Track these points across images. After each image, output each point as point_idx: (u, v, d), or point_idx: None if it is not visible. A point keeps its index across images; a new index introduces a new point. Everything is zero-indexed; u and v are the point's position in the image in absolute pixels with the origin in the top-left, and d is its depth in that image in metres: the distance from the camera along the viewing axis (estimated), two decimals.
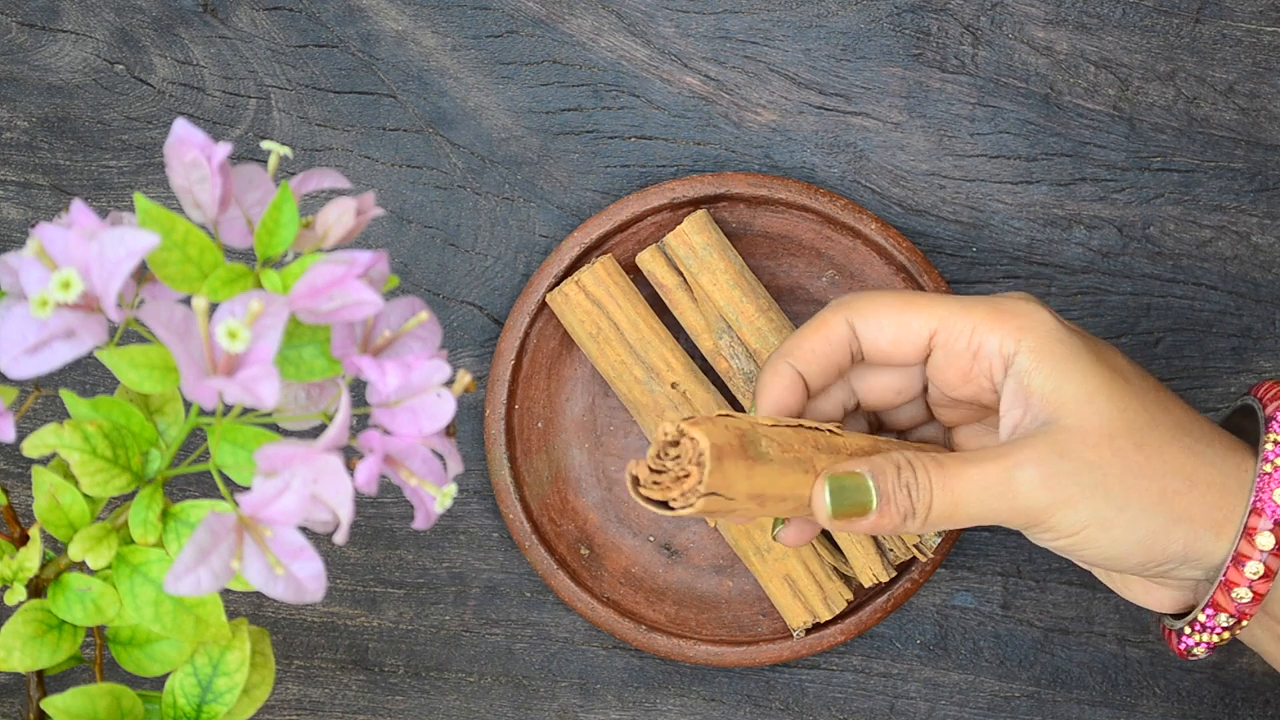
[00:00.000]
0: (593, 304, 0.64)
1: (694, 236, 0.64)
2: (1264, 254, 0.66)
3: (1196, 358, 0.66)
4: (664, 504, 0.51)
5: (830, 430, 0.54)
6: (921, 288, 0.64)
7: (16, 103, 0.66)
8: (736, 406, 0.66)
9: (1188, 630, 0.56)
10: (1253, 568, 0.53)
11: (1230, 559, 0.53)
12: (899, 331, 0.55)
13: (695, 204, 0.64)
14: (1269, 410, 0.55)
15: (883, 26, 0.66)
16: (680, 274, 0.64)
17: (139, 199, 0.45)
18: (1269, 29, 0.66)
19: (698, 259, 0.64)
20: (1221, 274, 0.66)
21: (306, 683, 0.67)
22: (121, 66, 0.66)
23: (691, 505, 0.50)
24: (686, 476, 0.50)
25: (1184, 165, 0.66)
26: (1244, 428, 0.59)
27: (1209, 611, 0.54)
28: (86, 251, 0.43)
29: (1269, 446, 0.54)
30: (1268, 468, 0.53)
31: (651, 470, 0.51)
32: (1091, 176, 0.66)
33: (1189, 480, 0.53)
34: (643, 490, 0.51)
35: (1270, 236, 0.66)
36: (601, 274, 0.64)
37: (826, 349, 0.56)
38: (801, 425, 0.54)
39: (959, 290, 0.66)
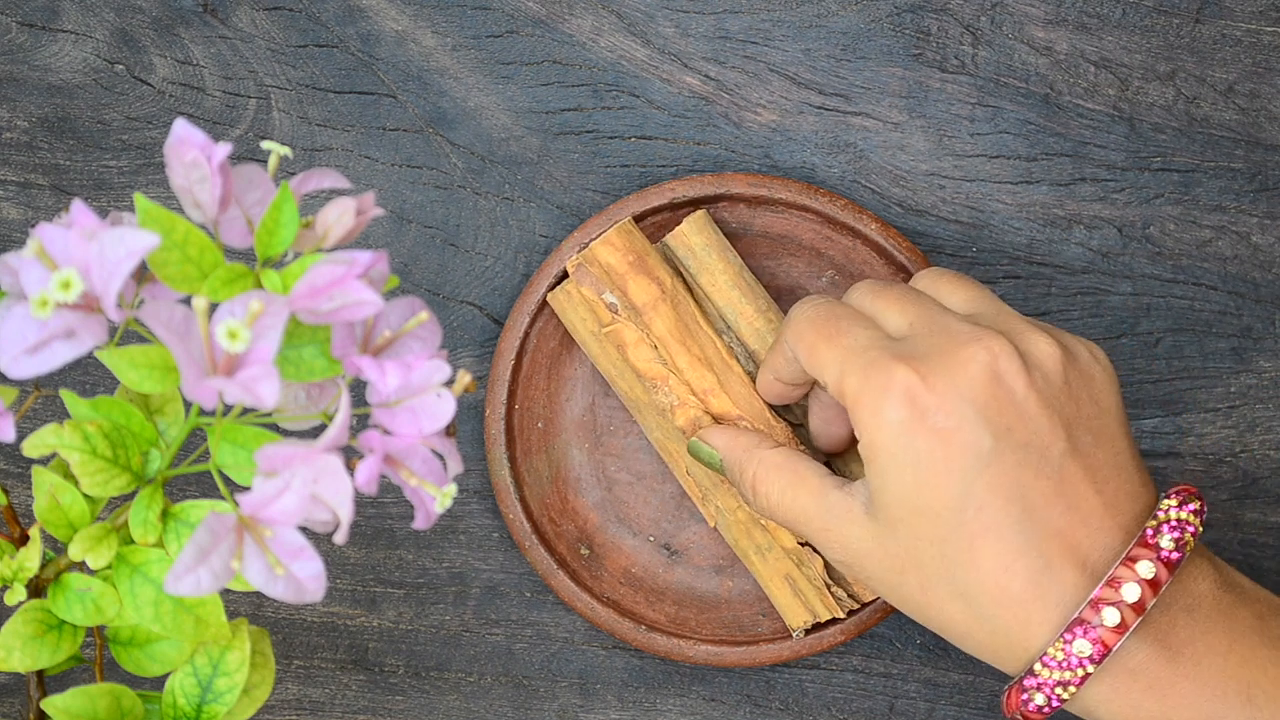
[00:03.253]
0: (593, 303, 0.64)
1: (693, 237, 0.64)
2: (1264, 254, 0.66)
3: (1196, 358, 0.66)
4: None
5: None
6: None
7: (16, 103, 0.66)
8: None
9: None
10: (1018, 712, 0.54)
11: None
12: (812, 375, 0.57)
13: (695, 204, 0.64)
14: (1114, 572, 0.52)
15: (883, 26, 0.66)
16: (680, 274, 0.64)
17: (139, 199, 0.45)
18: (1269, 29, 0.66)
19: (696, 260, 0.64)
20: (1221, 274, 0.66)
21: (306, 683, 0.67)
22: (121, 66, 0.66)
23: None
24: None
25: (1184, 165, 0.66)
26: None
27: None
28: (86, 251, 0.43)
29: (1044, 664, 0.52)
30: (1039, 669, 0.52)
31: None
32: (1091, 176, 0.66)
33: (968, 636, 0.53)
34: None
35: (1270, 236, 0.66)
36: None
37: (790, 366, 0.59)
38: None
39: None
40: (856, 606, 0.64)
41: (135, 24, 0.66)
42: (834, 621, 0.64)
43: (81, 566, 0.50)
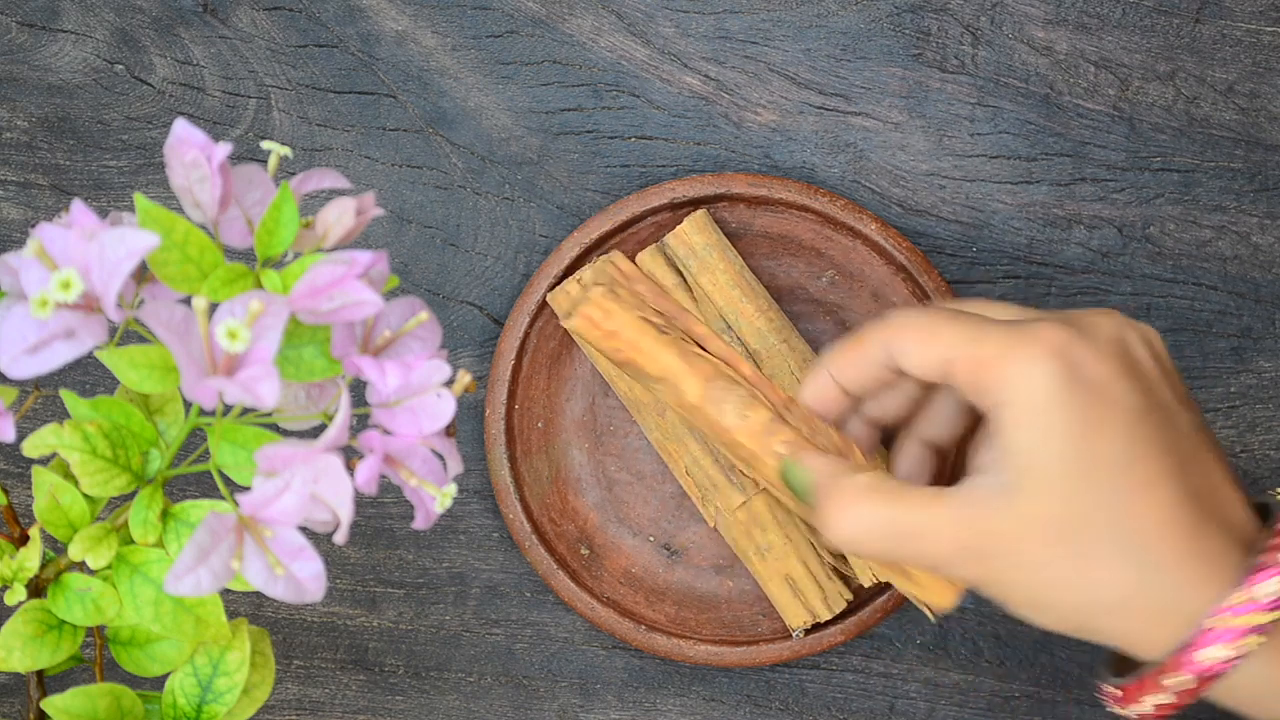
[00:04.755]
0: None
1: (694, 237, 0.64)
2: (1264, 254, 0.66)
3: (1196, 358, 0.66)
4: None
5: (782, 404, 0.55)
6: (921, 288, 0.64)
7: (16, 103, 0.66)
8: None
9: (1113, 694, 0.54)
10: (1153, 700, 0.52)
11: (1159, 667, 0.51)
12: (921, 360, 0.53)
13: (695, 204, 0.65)
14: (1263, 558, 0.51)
15: (883, 26, 0.66)
16: (680, 274, 0.64)
17: (139, 199, 0.45)
18: (1269, 29, 0.66)
19: (697, 259, 0.64)
20: (1221, 274, 0.66)
21: (306, 683, 0.67)
22: (121, 66, 0.66)
23: (572, 313, 0.54)
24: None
25: (1184, 165, 0.66)
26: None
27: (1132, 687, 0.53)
28: (86, 251, 0.43)
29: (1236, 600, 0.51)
30: (1214, 622, 0.50)
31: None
32: (1091, 176, 0.66)
33: (1123, 604, 0.51)
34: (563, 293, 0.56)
35: (1270, 236, 0.66)
36: None
37: (863, 365, 0.55)
38: (743, 379, 0.55)
39: (959, 290, 0.66)
40: (853, 599, 0.64)
41: (135, 24, 0.66)
42: (834, 621, 0.64)
43: (81, 566, 0.50)
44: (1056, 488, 0.51)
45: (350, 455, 0.46)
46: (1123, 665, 0.55)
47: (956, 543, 0.51)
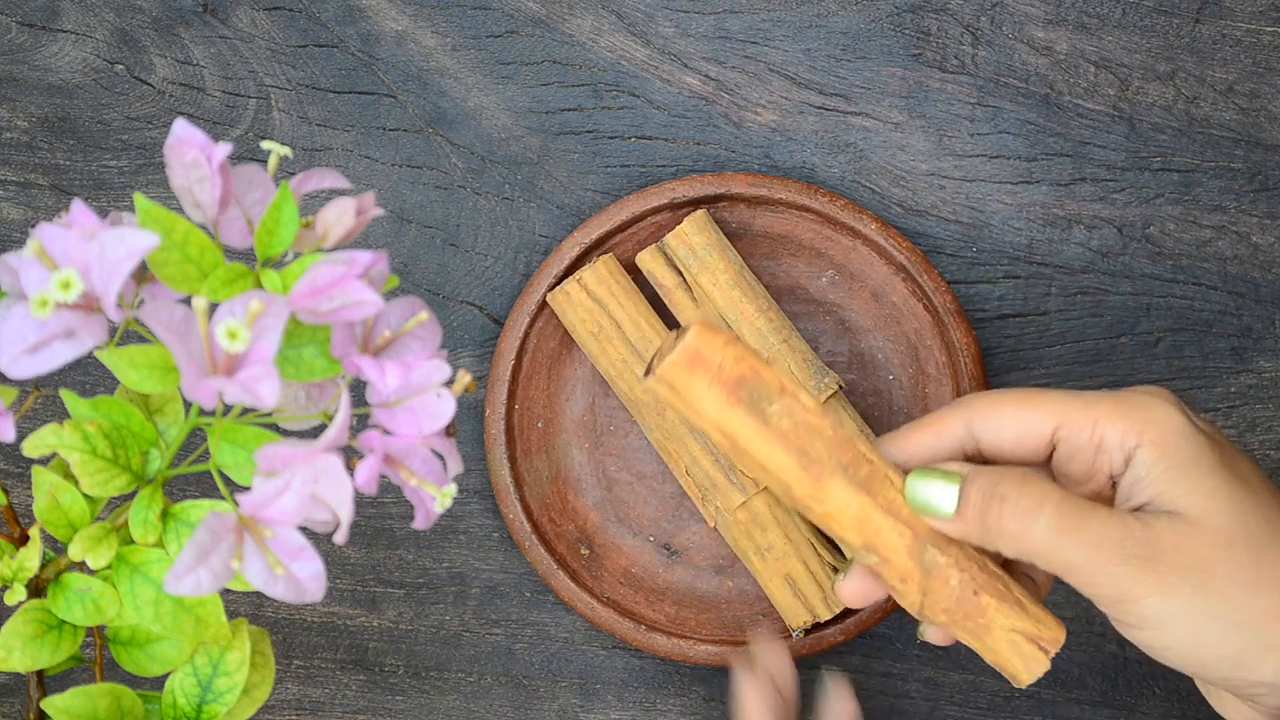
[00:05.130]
0: (594, 302, 0.64)
1: (694, 236, 0.64)
2: (1264, 254, 0.66)
3: (1196, 358, 0.66)
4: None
5: (889, 474, 0.52)
6: (921, 288, 0.64)
7: (16, 103, 0.66)
8: None
9: None
10: None
11: None
12: (1021, 429, 0.53)
13: (695, 204, 0.65)
14: None
15: (883, 26, 0.66)
16: (680, 274, 0.64)
17: (139, 199, 0.45)
18: (1269, 29, 0.66)
19: (697, 259, 0.64)
20: (1221, 274, 0.66)
21: (306, 683, 0.67)
22: (121, 66, 0.66)
23: (652, 377, 0.49)
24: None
25: (1184, 165, 0.66)
26: None
27: None
28: (86, 251, 0.43)
29: None
30: None
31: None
32: (1091, 176, 0.66)
33: None
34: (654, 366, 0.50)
35: (1270, 236, 0.66)
36: (603, 272, 0.64)
37: (936, 445, 0.54)
38: (862, 449, 0.52)
39: (959, 290, 0.66)
40: None
41: (135, 24, 0.66)
42: (834, 621, 0.64)
43: (81, 566, 0.50)
44: (1221, 504, 0.51)
45: (350, 455, 0.46)
46: None
47: (1124, 539, 0.51)
